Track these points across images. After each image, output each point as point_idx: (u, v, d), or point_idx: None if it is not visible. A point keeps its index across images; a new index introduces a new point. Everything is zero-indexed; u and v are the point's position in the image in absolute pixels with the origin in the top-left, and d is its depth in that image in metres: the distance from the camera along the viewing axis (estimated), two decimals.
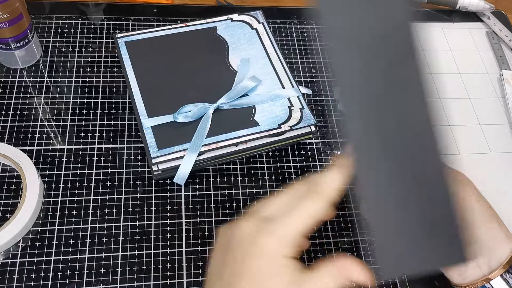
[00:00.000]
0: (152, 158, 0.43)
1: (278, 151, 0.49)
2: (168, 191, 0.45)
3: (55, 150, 0.46)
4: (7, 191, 0.43)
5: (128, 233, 0.42)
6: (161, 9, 0.58)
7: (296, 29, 0.58)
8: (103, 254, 0.41)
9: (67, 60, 0.52)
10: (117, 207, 0.43)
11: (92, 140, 0.47)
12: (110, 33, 0.55)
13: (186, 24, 0.53)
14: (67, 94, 0.49)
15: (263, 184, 0.46)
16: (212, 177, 0.46)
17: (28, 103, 0.48)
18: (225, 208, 0.45)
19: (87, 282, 0.39)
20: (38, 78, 0.50)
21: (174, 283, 0.40)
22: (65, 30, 0.54)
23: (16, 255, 0.40)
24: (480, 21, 0.64)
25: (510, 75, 0.58)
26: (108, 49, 0.53)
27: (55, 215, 0.42)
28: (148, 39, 0.51)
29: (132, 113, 0.49)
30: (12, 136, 0.46)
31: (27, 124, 0.47)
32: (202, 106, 0.46)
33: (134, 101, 0.46)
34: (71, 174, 0.44)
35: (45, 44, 0.53)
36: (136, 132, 0.48)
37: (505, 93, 0.57)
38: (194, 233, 0.43)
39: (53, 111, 0.48)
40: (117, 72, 0.52)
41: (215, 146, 0.44)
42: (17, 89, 0.49)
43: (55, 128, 0.47)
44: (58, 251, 0.40)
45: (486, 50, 0.61)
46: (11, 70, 0.50)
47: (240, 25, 0.53)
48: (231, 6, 0.60)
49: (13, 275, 0.39)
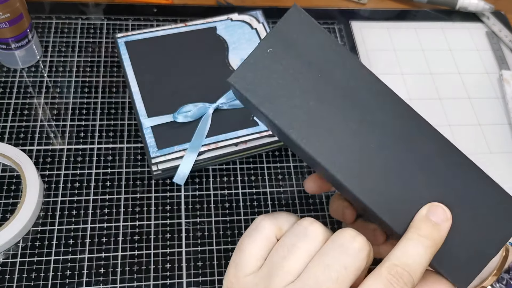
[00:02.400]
0: (151, 158, 0.43)
1: (278, 151, 0.49)
2: (168, 191, 0.45)
3: (55, 150, 0.46)
4: (7, 191, 0.43)
5: (128, 233, 0.42)
6: (161, 9, 0.58)
7: None
8: (103, 254, 0.41)
9: (67, 60, 0.52)
10: (117, 207, 0.43)
11: (92, 140, 0.47)
12: (110, 33, 0.55)
13: (186, 24, 0.53)
14: (67, 94, 0.49)
15: (263, 184, 0.46)
16: (212, 177, 0.46)
17: (28, 103, 0.48)
18: (225, 208, 0.45)
19: (87, 282, 0.39)
20: (38, 78, 0.50)
21: (174, 283, 0.40)
22: (65, 30, 0.54)
23: (16, 255, 0.40)
24: (479, 21, 0.64)
25: (509, 75, 0.58)
26: (108, 49, 0.53)
27: (55, 215, 0.42)
28: (148, 39, 0.51)
29: (132, 113, 0.49)
30: (12, 136, 0.46)
31: (27, 124, 0.47)
32: (202, 106, 0.46)
33: (134, 101, 0.46)
34: (71, 174, 0.44)
35: (45, 44, 0.53)
36: (136, 132, 0.48)
37: (504, 93, 0.57)
38: (194, 233, 0.43)
39: (53, 111, 0.48)
40: (117, 72, 0.52)
41: (215, 146, 0.44)
42: (17, 89, 0.49)
43: (55, 128, 0.47)
44: (58, 251, 0.40)
45: (485, 50, 0.61)
46: (11, 70, 0.50)
47: (240, 25, 0.53)
48: (231, 6, 0.60)
49: (13, 275, 0.39)
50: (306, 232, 0.27)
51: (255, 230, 0.29)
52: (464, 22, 0.64)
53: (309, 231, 0.27)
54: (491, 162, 0.52)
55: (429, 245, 0.26)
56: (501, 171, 0.51)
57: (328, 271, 0.25)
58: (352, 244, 0.26)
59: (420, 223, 0.27)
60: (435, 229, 0.27)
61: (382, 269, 0.25)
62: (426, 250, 0.26)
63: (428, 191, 0.28)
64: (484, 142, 0.53)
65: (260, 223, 0.29)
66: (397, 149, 0.28)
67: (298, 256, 0.26)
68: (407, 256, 0.26)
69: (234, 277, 0.28)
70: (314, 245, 0.27)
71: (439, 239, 0.27)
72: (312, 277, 0.25)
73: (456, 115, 0.55)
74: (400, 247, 0.26)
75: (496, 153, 0.53)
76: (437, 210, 0.27)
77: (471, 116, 0.55)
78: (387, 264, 0.26)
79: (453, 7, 0.63)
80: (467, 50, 0.61)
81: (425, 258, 0.26)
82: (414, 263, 0.26)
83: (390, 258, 0.26)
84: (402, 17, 0.63)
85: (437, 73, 0.58)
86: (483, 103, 0.56)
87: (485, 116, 0.55)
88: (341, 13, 0.62)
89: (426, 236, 0.26)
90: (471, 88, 0.58)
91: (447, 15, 0.64)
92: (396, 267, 0.25)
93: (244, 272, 0.27)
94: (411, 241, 0.26)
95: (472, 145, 0.53)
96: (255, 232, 0.29)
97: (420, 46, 0.60)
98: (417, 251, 0.26)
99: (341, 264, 0.25)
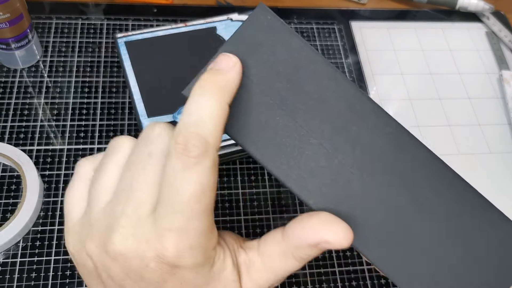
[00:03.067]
0: None
1: None
2: None
3: (55, 150, 0.46)
4: (7, 191, 0.43)
5: None
6: (161, 9, 0.58)
7: (296, 29, 0.58)
8: None
9: (67, 60, 0.52)
10: None
11: (92, 140, 0.47)
12: (110, 33, 0.55)
13: (186, 24, 0.53)
14: (67, 94, 0.49)
15: (263, 184, 0.46)
16: None
17: (28, 103, 0.48)
18: (225, 208, 0.45)
19: None
20: (38, 78, 0.50)
21: None
22: (65, 30, 0.54)
23: (16, 255, 0.40)
24: (479, 21, 0.64)
25: (509, 76, 0.58)
26: (108, 49, 0.53)
27: (55, 215, 0.42)
28: (148, 39, 0.51)
29: (132, 113, 0.49)
30: (12, 136, 0.46)
31: (27, 124, 0.47)
32: None
33: (134, 101, 0.47)
34: (71, 174, 0.44)
35: (45, 44, 0.53)
36: (136, 132, 0.48)
37: (504, 93, 0.57)
38: None
39: (53, 111, 0.48)
40: (117, 72, 0.52)
41: None
42: (17, 89, 0.49)
43: (55, 128, 0.47)
44: (58, 251, 0.40)
45: (485, 51, 0.61)
46: (12, 70, 0.50)
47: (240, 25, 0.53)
48: (231, 6, 0.60)
49: (13, 275, 0.39)
50: (113, 147, 0.24)
51: (74, 174, 0.26)
52: (464, 22, 0.64)
53: (115, 144, 0.25)
54: (491, 162, 0.52)
55: (213, 91, 0.22)
56: (501, 171, 0.51)
57: (134, 166, 0.23)
58: (152, 132, 0.23)
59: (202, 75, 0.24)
60: (219, 74, 0.23)
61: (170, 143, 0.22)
62: (211, 98, 0.22)
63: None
64: (484, 142, 0.53)
65: (77, 164, 0.26)
66: (376, 169, 0.24)
67: (108, 170, 0.24)
68: (189, 115, 0.22)
69: (67, 232, 0.24)
70: (122, 153, 0.24)
71: (224, 82, 0.23)
72: (123, 181, 0.23)
73: (456, 115, 0.55)
74: (184, 111, 0.22)
75: (496, 153, 0.53)
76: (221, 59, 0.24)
77: (471, 116, 0.55)
78: (174, 134, 0.21)
79: (453, 7, 0.63)
80: (467, 50, 0.61)
81: (212, 107, 0.22)
82: (199, 119, 0.21)
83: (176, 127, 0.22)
84: (402, 17, 0.63)
85: (437, 73, 0.58)
86: (483, 103, 0.56)
87: (485, 116, 0.55)
88: (341, 13, 0.62)
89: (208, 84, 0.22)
90: (471, 88, 0.58)
91: (447, 15, 0.64)
92: (181, 133, 0.21)
93: (72, 220, 0.24)
94: (192, 97, 0.22)
95: (472, 145, 0.53)
96: (74, 176, 0.25)
97: (420, 46, 0.60)
98: (199, 104, 0.22)
99: (145, 154, 0.23)
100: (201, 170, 0.21)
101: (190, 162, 0.21)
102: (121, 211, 0.22)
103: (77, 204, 0.24)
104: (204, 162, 0.21)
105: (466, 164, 0.51)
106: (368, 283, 0.43)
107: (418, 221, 0.24)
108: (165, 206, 0.21)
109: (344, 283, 0.42)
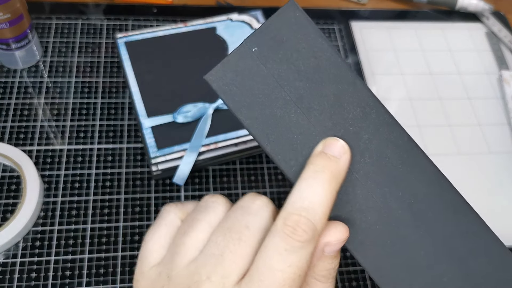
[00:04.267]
0: (151, 158, 0.43)
1: None
2: (168, 191, 0.45)
3: (55, 150, 0.46)
4: (7, 191, 0.43)
5: (128, 233, 0.42)
6: (161, 9, 0.58)
7: None
8: (103, 254, 0.41)
9: (67, 61, 0.52)
10: (117, 207, 0.43)
11: (92, 140, 0.47)
12: (110, 33, 0.55)
13: (186, 24, 0.53)
14: (67, 95, 0.49)
15: (263, 184, 0.46)
16: (212, 177, 0.46)
17: (29, 103, 0.48)
18: None
19: (87, 282, 0.39)
20: (38, 78, 0.50)
21: None
22: (65, 31, 0.54)
23: (16, 255, 0.40)
24: (479, 21, 0.64)
25: (509, 76, 0.58)
26: (108, 49, 0.53)
27: (55, 215, 0.42)
28: (148, 39, 0.51)
29: (132, 113, 0.49)
30: (12, 136, 0.46)
31: (27, 124, 0.47)
32: (202, 106, 0.46)
33: (134, 101, 0.47)
34: (71, 174, 0.44)
35: (46, 44, 0.53)
36: (135, 132, 0.48)
37: (504, 93, 0.57)
38: None
39: (53, 111, 0.48)
40: (117, 72, 0.52)
41: (215, 146, 0.44)
42: (17, 89, 0.49)
43: (55, 128, 0.47)
44: (58, 251, 0.40)
45: (485, 51, 0.62)
46: (12, 71, 0.50)
47: (239, 25, 0.53)
48: (231, 6, 0.60)
49: (13, 275, 0.39)
50: (207, 205, 0.25)
51: (159, 218, 0.26)
52: (464, 23, 0.64)
53: (210, 202, 0.25)
54: (491, 162, 0.52)
55: (327, 179, 0.22)
56: (500, 171, 0.51)
57: (229, 234, 0.23)
58: (252, 204, 0.24)
59: (315, 158, 0.23)
60: (332, 161, 0.23)
61: (277, 222, 0.22)
62: (324, 185, 0.22)
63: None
64: (484, 142, 0.53)
65: (164, 209, 0.26)
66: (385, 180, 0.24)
67: (199, 229, 0.24)
68: (302, 199, 0.22)
69: (140, 273, 0.25)
70: (216, 215, 0.24)
71: (337, 171, 0.23)
72: (213, 245, 0.23)
73: (456, 115, 0.55)
74: (295, 192, 0.22)
75: (496, 153, 0.53)
76: (333, 144, 0.23)
77: (471, 116, 0.55)
78: (282, 214, 0.22)
79: (452, 8, 0.63)
80: (467, 51, 0.61)
81: (324, 195, 0.22)
82: (311, 204, 0.21)
83: (285, 207, 0.22)
84: (402, 17, 0.63)
85: (437, 73, 0.58)
86: (483, 103, 0.56)
87: (485, 116, 0.55)
88: (341, 13, 0.62)
89: (322, 170, 0.22)
90: (470, 88, 0.58)
91: (447, 16, 0.64)
92: (291, 216, 0.21)
93: (148, 264, 0.25)
94: (305, 180, 0.22)
95: (472, 145, 0.53)
96: (159, 220, 0.26)
97: (420, 46, 0.61)
98: (313, 190, 0.22)
99: (242, 224, 0.23)
100: (304, 255, 0.21)
101: (296, 245, 0.21)
102: (206, 275, 0.22)
103: (157, 249, 0.25)
104: (308, 248, 0.21)
105: (465, 164, 0.51)
106: (368, 283, 0.43)
107: (414, 237, 0.24)
108: (255, 282, 0.21)
109: (344, 283, 0.42)
